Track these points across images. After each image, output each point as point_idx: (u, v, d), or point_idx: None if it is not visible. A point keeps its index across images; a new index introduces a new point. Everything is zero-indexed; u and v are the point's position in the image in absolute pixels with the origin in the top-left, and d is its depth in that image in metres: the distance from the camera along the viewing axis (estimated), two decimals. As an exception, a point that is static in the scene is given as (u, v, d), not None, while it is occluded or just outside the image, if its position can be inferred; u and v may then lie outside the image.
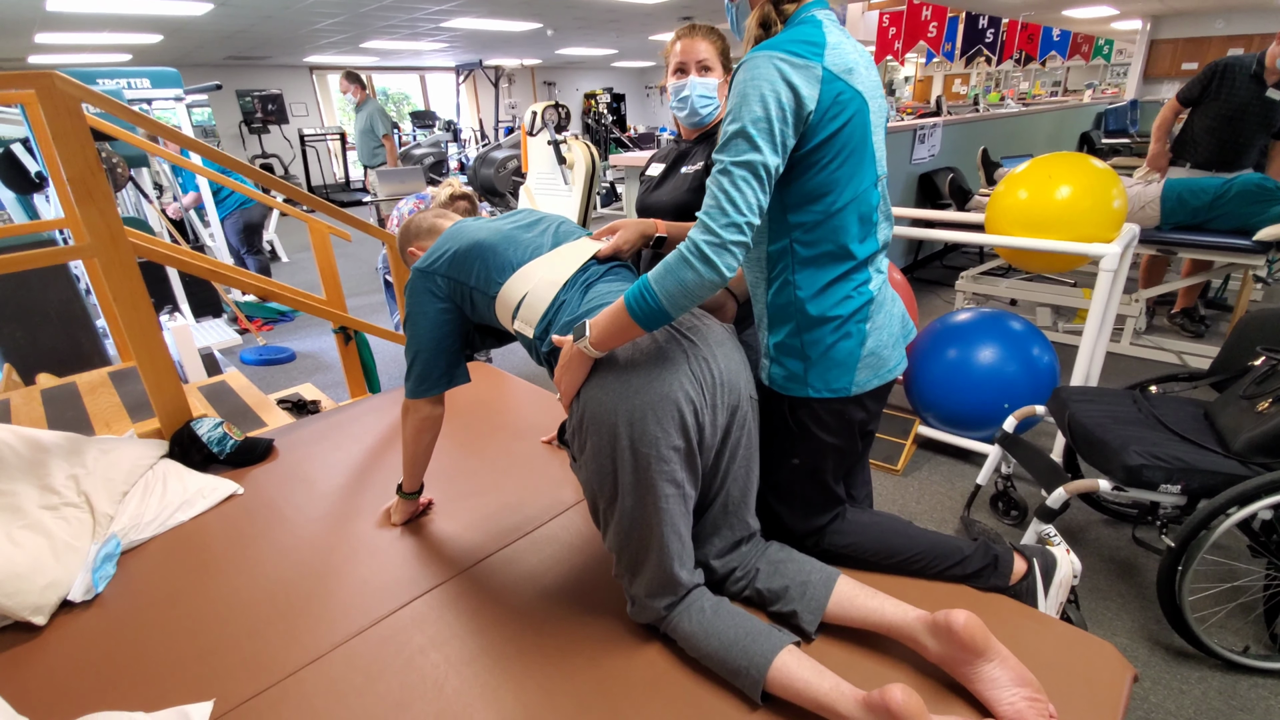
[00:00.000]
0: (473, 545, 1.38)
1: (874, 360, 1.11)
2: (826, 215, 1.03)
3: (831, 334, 1.08)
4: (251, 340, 4.33)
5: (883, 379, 1.13)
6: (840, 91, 0.96)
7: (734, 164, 0.91)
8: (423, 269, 1.25)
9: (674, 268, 0.90)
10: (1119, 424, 1.67)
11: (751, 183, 0.90)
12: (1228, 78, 3.14)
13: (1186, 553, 1.49)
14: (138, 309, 1.66)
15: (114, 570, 1.34)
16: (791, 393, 1.13)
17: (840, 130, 0.97)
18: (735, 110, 0.92)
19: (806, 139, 0.97)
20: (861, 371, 1.10)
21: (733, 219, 0.89)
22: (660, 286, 0.91)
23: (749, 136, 0.91)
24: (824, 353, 1.09)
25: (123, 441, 1.65)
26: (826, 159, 0.99)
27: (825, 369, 1.10)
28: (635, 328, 0.94)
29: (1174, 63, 10.02)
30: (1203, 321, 3.72)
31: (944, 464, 2.49)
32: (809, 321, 1.08)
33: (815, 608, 1.08)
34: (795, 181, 1.01)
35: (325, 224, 2.62)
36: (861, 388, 1.11)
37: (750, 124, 0.91)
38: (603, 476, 1.02)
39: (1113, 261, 1.94)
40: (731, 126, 0.92)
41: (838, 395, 1.11)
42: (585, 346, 0.98)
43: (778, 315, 1.12)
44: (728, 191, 0.90)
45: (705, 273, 0.89)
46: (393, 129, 4.97)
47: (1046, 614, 1.17)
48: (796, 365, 1.12)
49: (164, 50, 8.06)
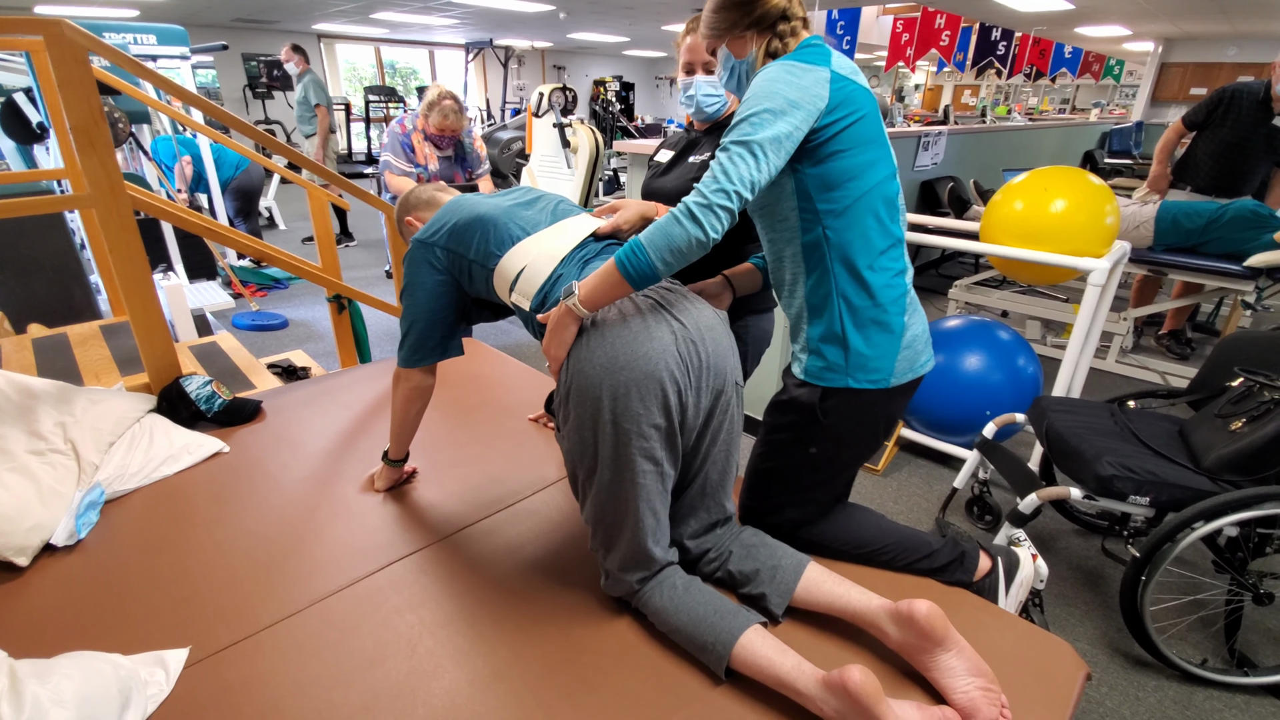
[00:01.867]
0: (454, 514, 1.41)
1: (910, 354, 1.14)
2: (854, 199, 1.07)
3: (873, 321, 1.11)
4: (245, 305, 4.32)
5: (916, 373, 1.16)
6: (852, 89, 1.04)
7: (733, 142, 0.97)
8: (422, 240, 1.27)
9: (663, 225, 0.95)
10: (1095, 435, 1.70)
11: (746, 158, 0.96)
12: (1235, 104, 3.16)
13: (1150, 563, 1.53)
14: (133, 262, 1.67)
15: (97, 518, 1.35)
16: (828, 383, 1.14)
17: (858, 121, 1.04)
18: (745, 104, 1.00)
19: (826, 129, 1.03)
20: (900, 363, 1.13)
21: (723, 186, 0.94)
22: (650, 243, 0.95)
23: (752, 121, 0.97)
24: (867, 342, 1.11)
25: (111, 393, 1.65)
26: (847, 146, 1.04)
27: (867, 359, 1.11)
28: (625, 285, 0.98)
29: (1183, 87, 10.06)
30: (1189, 344, 3.76)
31: (924, 467, 2.53)
32: (851, 308, 1.10)
33: (784, 591, 1.11)
34: (820, 167, 1.05)
35: (325, 191, 2.62)
36: (899, 379, 1.14)
37: (756, 111, 0.97)
38: (584, 448, 1.04)
39: (1101, 276, 1.97)
40: (741, 113, 0.99)
41: (876, 386, 1.13)
42: (574, 304, 1.01)
43: (820, 306, 1.13)
44: (723, 164, 0.96)
45: (692, 230, 0.93)
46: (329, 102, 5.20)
47: (1007, 611, 1.20)
48: (837, 355, 1.12)
49: (171, 8, 7.96)
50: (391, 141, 2.80)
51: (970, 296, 3.71)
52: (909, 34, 7.48)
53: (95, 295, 3.00)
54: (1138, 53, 11.90)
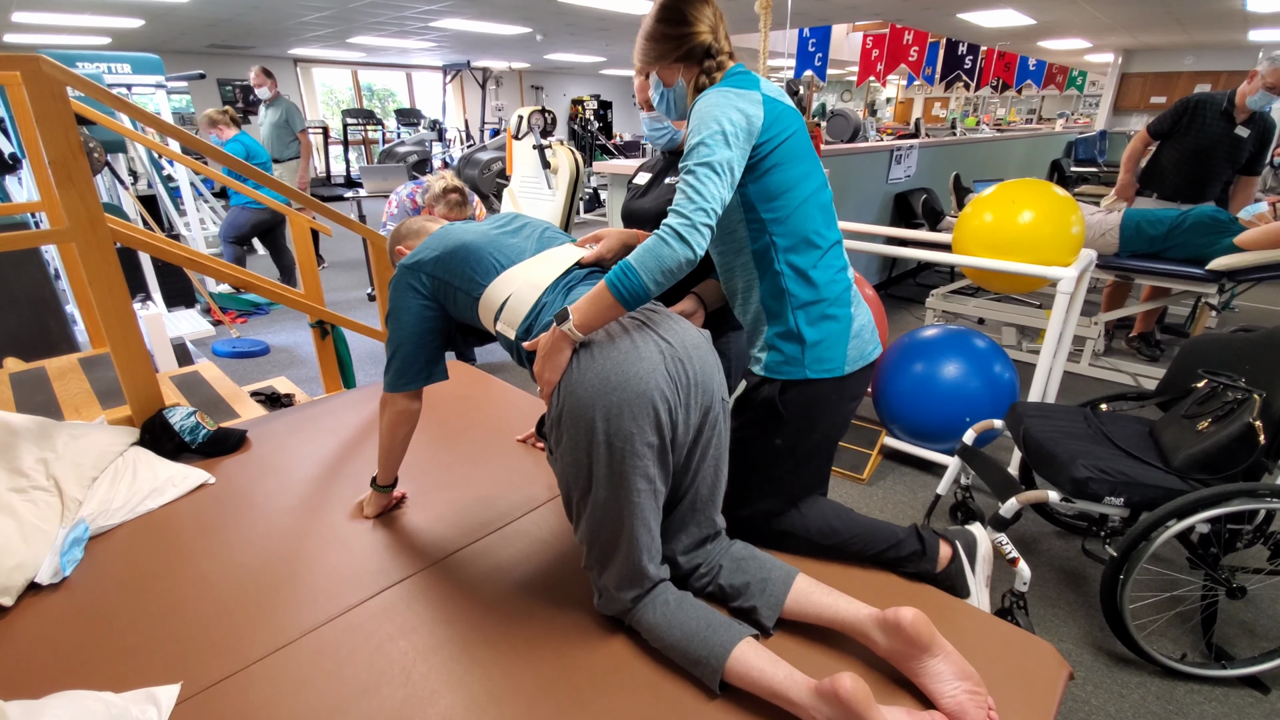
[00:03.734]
0: (444, 538, 1.41)
1: (859, 342, 1.24)
2: (794, 207, 1.18)
3: (823, 315, 1.21)
4: (225, 332, 4.28)
5: (866, 359, 1.27)
6: (782, 109, 1.16)
7: (695, 165, 1.05)
8: (409, 265, 1.29)
9: (652, 247, 1.00)
10: (1069, 439, 1.75)
11: (712, 177, 1.03)
12: (1199, 113, 3.28)
13: (1128, 562, 1.57)
14: (114, 295, 1.66)
15: (82, 554, 1.34)
16: (786, 376, 1.24)
17: (789, 138, 1.16)
18: (694, 130, 1.08)
19: (763, 146, 1.13)
20: (851, 351, 1.23)
21: (700, 205, 1.02)
22: (641, 264, 1.00)
23: (706, 144, 1.06)
24: (818, 334, 1.21)
25: (93, 427, 1.64)
26: (785, 160, 1.16)
27: (820, 351, 1.22)
28: (617, 307, 1.02)
29: (1143, 96, 10.40)
30: (1158, 346, 3.87)
31: (907, 474, 2.57)
32: (802, 304, 1.21)
33: (774, 603, 1.13)
34: (760, 181, 1.17)
35: (305, 218, 2.63)
36: (851, 367, 1.24)
37: (707, 136, 1.06)
38: (578, 469, 1.06)
39: (1069, 284, 2.03)
40: (693, 140, 1.08)
41: (831, 375, 1.22)
42: (569, 329, 1.03)
43: (775, 306, 1.24)
44: (693, 185, 1.03)
45: (681, 250, 1.00)
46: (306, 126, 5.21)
47: (991, 615, 1.23)
48: (794, 350, 1.22)
49: (144, 35, 7.94)
50: (400, 213, 2.84)
51: (947, 305, 3.79)
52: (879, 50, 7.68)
53: (72, 326, 2.97)
54: (1099, 64, 12.28)
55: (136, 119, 1.75)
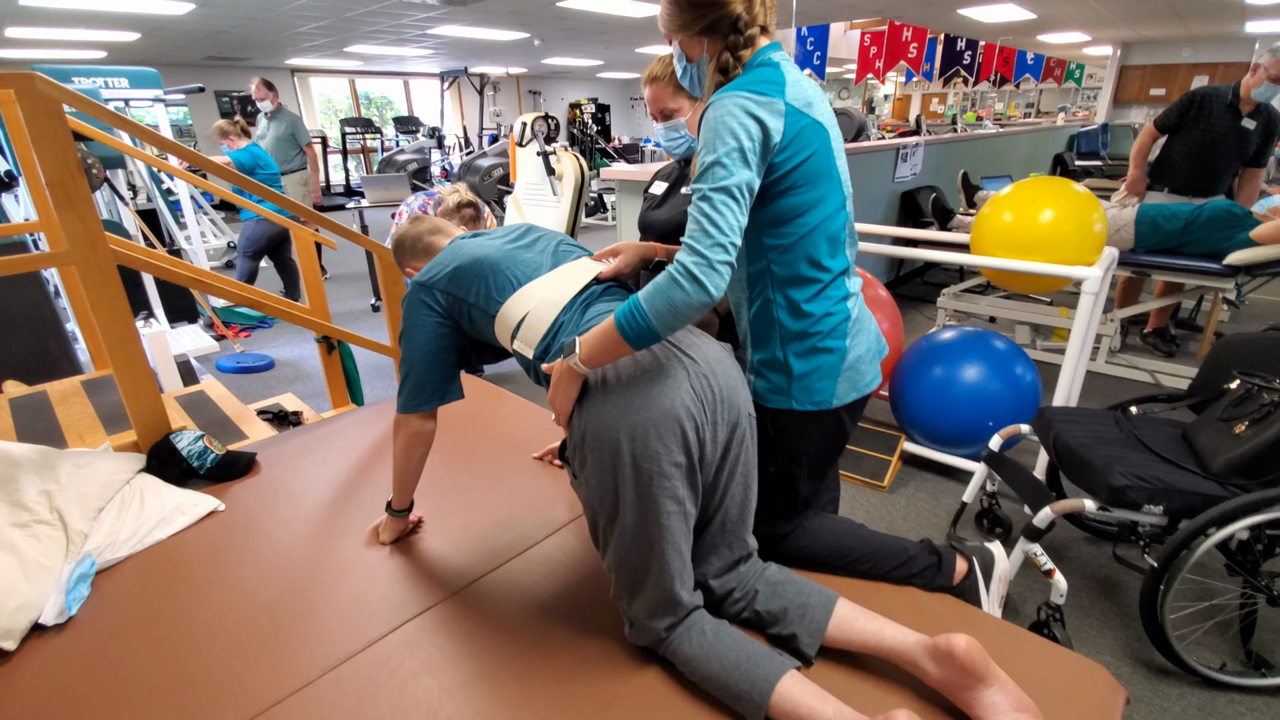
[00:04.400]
0: (465, 565, 1.36)
1: (852, 374, 1.16)
2: (798, 236, 1.09)
3: (814, 349, 1.13)
4: (228, 347, 4.24)
5: (860, 392, 1.19)
6: (804, 125, 1.02)
7: (712, 190, 0.94)
8: (422, 283, 1.24)
9: (664, 288, 0.91)
10: (1102, 444, 1.70)
11: (730, 205, 0.94)
12: (1205, 106, 3.24)
13: (1168, 572, 1.52)
14: (117, 318, 1.62)
15: (88, 591, 1.29)
16: (774, 404, 1.18)
17: (807, 160, 1.04)
18: (709, 144, 0.97)
19: (776, 168, 1.02)
20: (841, 385, 1.16)
21: (717, 240, 0.91)
22: (650, 306, 0.92)
23: (723, 164, 0.95)
24: (807, 367, 1.14)
25: (98, 455, 1.59)
26: (798, 185, 1.05)
27: (808, 383, 1.15)
28: (624, 346, 0.95)
29: (1142, 88, 10.36)
30: (1174, 341, 3.82)
31: (929, 481, 2.52)
32: (791, 336, 1.13)
33: (815, 631, 1.08)
34: (769, 206, 1.07)
35: (309, 231, 2.58)
36: (841, 400, 1.16)
37: (724, 155, 0.95)
38: (604, 493, 1.01)
39: (1095, 284, 1.98)
40: (707, 158, 0.96)
41: (820, 408, 1.16)
42: (575, 363, 0.99)
43: (762, 332, 1.17)
44: (709, 215, 0.93)
45: (694, 293, 0.90)
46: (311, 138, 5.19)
47: (1040, 637, 1.18)
48: (780, 379, 1.16)
49: (141, 48, 7.91)
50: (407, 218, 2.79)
51: (958, 304, 3.73)
52: (877, 47, 7.64)
53: (73, 345, 2.92)
54: (1097, 57, 12.24)
55: (136, 135, 1.70)
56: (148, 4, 5.55)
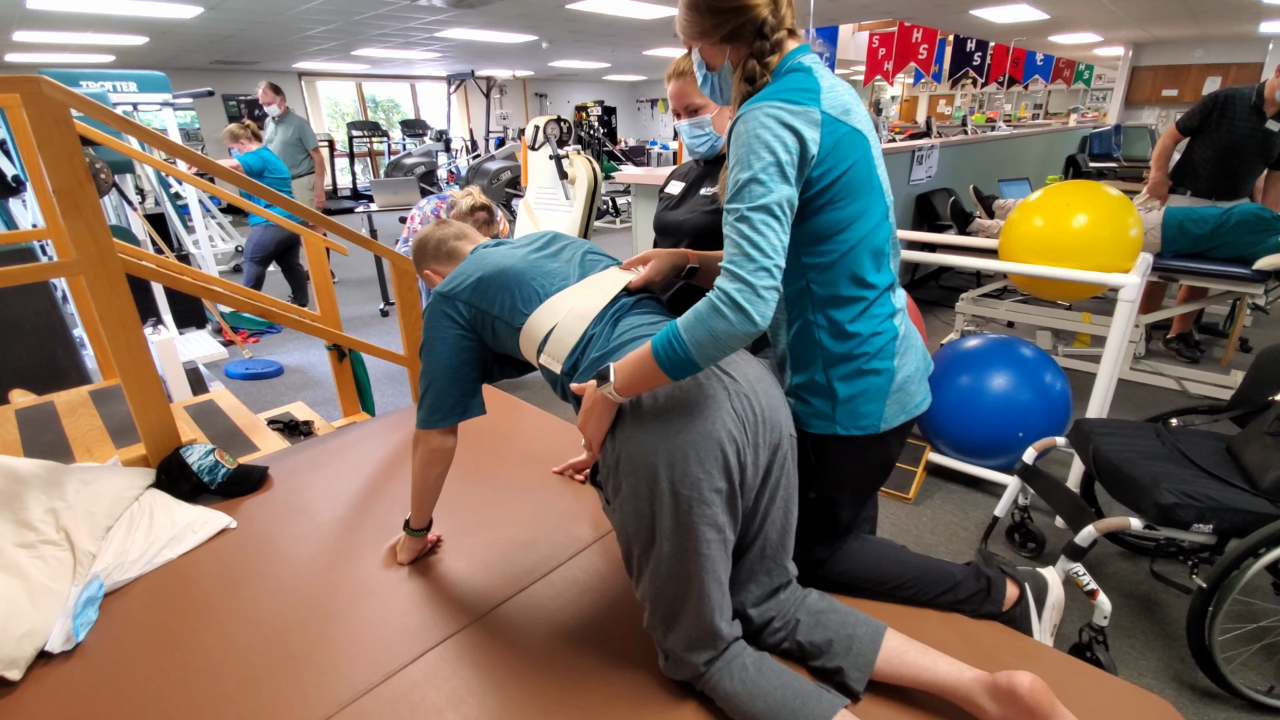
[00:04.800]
0: (486, 588, 1.30)
1: (901, 396, 1.09)
2: (840, 254, 1.02)
3: (859, 371, 1.06)
4: (236, 353, 4.20)
5: (909, 414, 1.12)
6: (843, 134, 0.95)
7: (750, 209, 0.87)
8: (444, 293, 1.18)
9: (705, 316, 0.85)
10: (1146, 460, 1.63)
11: (771, 224, 0.87)
12: (1229, 109, 3.17)
13: (1218, 593, 1.45)
14: (126, 328, 1.57)
15: (96, 615, 1.24)
16: (816, 430, 1.11)
17: (847, 171, 0.97)
18: (742, 160, 0.89)
19: (814, 182, 0.96)
20: (890, 407, 1.09)
21: (761, 264, 0.85)
22: (690, 336, 0.85)
23: (760, 181, 0.88)
24: (852, 390, 1.07)
25: (106, 470, 1.54)
26: (838, 199, 0.98)
27: (854, 406, 1.07)
28: (661, 375, 0.89)
29: (1154, 89, 10.26)
30: (1198, 347, 3.74)
31: (956, 492, 2.45)
32: (834, 359, 1.06)
33: (863, 665, 1.02)
34: (807, 222, 1.00)
35: (320, 237, 2.53)
36: (889, 424, 1.09)
37: (760, 171, 0.88)
38: (639, 520, 0.96)
39: (1132, 291, 1.92)
40: (742, 175, 0.89)
41: (866, 433, 1.09)
42: (609, 392, 0.93)
43: (802, 355, 1.10)
44: (750, 237, 0.86)
45: (739, 323, 0.83)
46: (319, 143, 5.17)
47: (1096, 668, 1.11)
48: (823, 404, 1.09)
49: (148, 52, 7.90)
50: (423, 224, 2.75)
51: (976, 309, 3.67)
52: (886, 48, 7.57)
53: (80, 352, 2.88)
54: (1108, 58, 12.14)
55: (144, 140, 1.66)
56: (156, 8, 5.53)
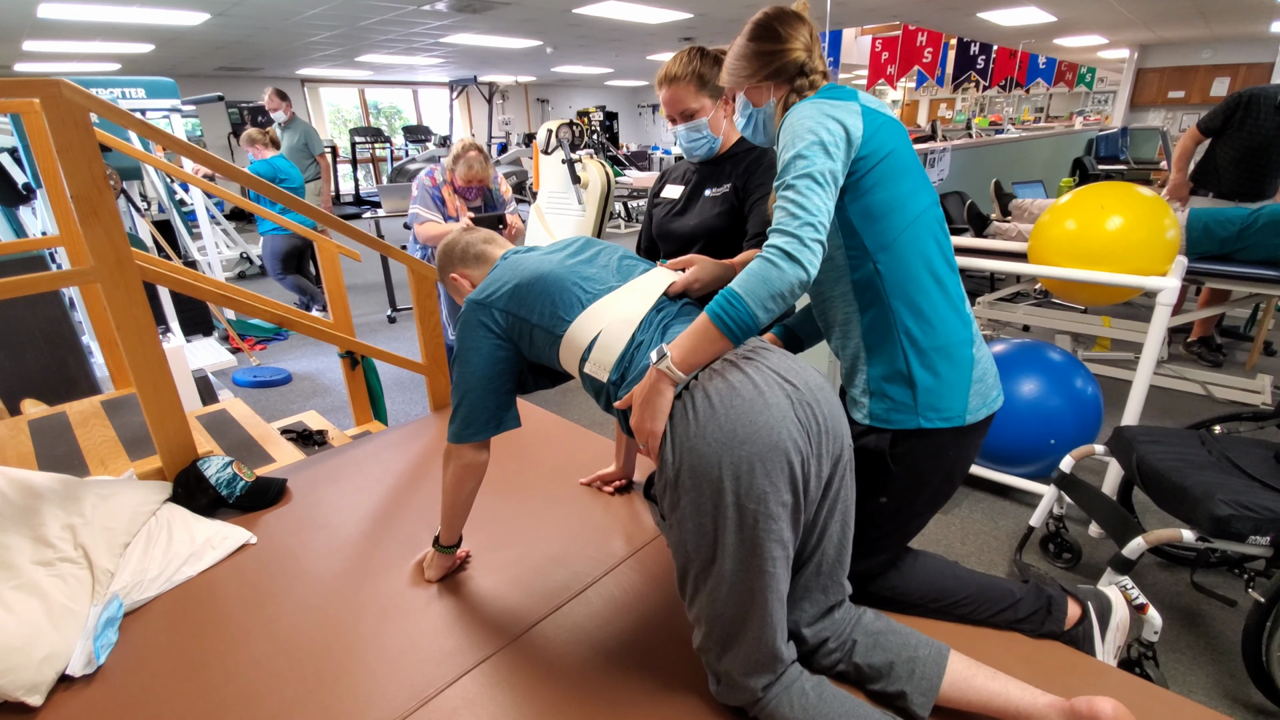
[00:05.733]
0: (520, 607, 1.25)
1: (982, 387, 1.08)
2: (902, 229, 1.03)
3: (943, 357, 1.04)
4: (244, 360, 4.16)
5: (990, 408, 1.10)
6: (883, 122, 1.02)
7: (795, 178, 0.92)
8: (480, 301, 1.14)
9: (757, 271, 0.88)
10: (1195, 469, 1.58)
11: (815, 189, 0.91)
12: (1252, 108, 3.13)
13: (1277, 608, 1.40)
14: (143, 338, 1.52)
15: (116, 637, 1.19)
16: (897, 425, 1.07)
17: (891, 153, 1.01)
18: (789, 144, 0.96)
19: (862, 163, 1.00)
20: (973, 399, 1.06)
21: (806, 220, 0.89)
22: (748, 292, 0.87)
23: (803, 155, 0.93)
24: (936, 378, 1.04)
25: (122, 484, 1.50)
26: (886, 177, 1.01)
27: (937, 396, 1.05)
28: (723, 340, 0.89)
29: (1160, 91, 10.23)
30: (1220, 350, 3.69)
31: (984, 500, 2.40)
32: (914, 345, 1.04)
33: (928, 689, 0.97)
34: (861, 200, 1.02)
35: (334, 243, 2.49)
36: (974, 416, 1.07)
37: (803, 149, 0.94)
38: (701, 537, 0.91)
39: (1170, 295, 1.87)
40: (787, 155, 0.95)
41: (951, 425, 1.05)
42: (669, 368, 0.90)
43: (878, 345, 1.07)
44: (795, 200, 0.90)
45: (791, 270, 0.86)
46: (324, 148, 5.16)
47: (1168, 691, 1.06)
48: (904, 394, 1.06)
49: (153, 60, 7.89)
50: (421, 194, 2.73)
51: (992, 313, 3.62)
52: (889, 52, 7.55)
53: (90, 360, 2.83)
54: (1112, 60, 12.11)
55: (168, 146, 1.61)
56: (165, 15, 5.51)
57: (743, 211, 1.46)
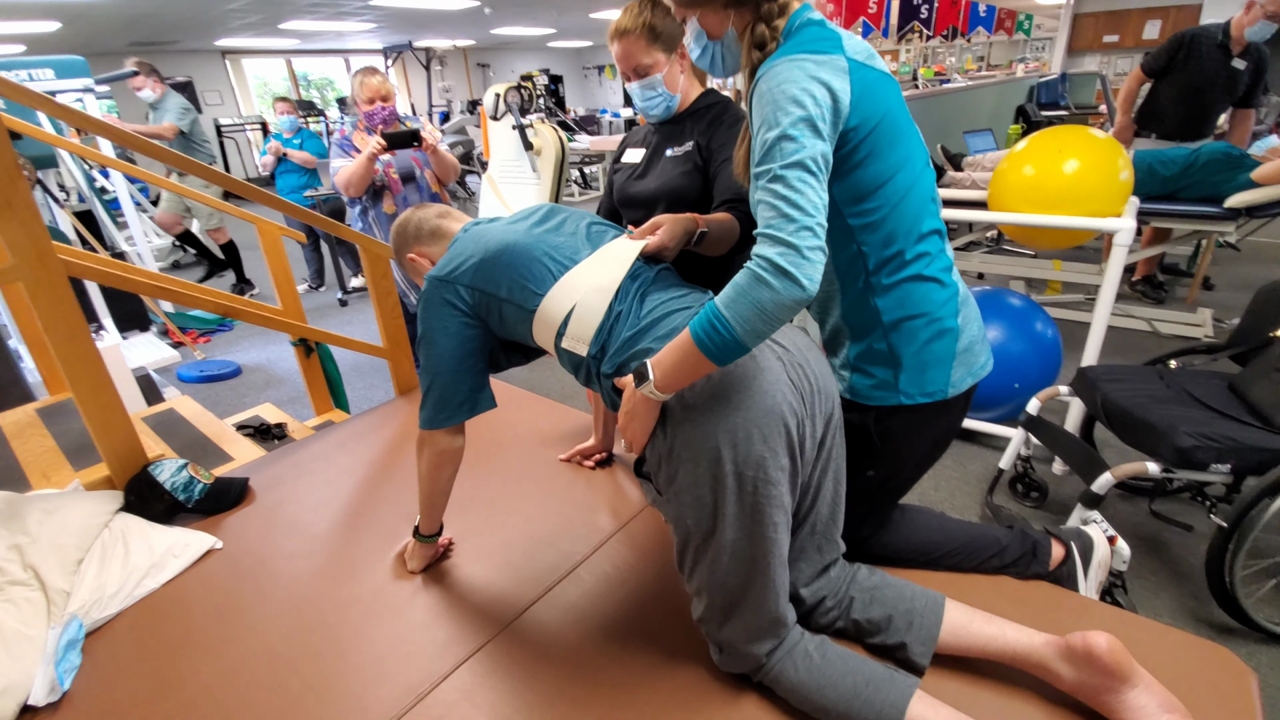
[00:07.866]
0: (510, 591, 1.22)
1: (968, 357, 1.04)
2: (889, 208, 0.95)
3: (924, 331, 1.00)
4: (188, 354, 3.95)
5: (975, 377, 1.07)
6: (872, 78, 0.90)
7: (784, 167, 0.80)
8: (442, 278, 1.07)
9: (746, 290, 0.77)
10: (1157, 404, 1.63)
11: (808, 181, 0.79)
12: (1194, 48, 3.18)
13: (1238, 532, 1.47)
14: (74, 337, 1.40)
15: (80, 659, 1.11)
16: (879, 402, 1.04)
17: (883, 119, 0.90)
18: (767, 119, 0.82)
19: (850, 135, 0.89)
20: (956, 371, 1.03)
21: (802, 223, 0.77)
22: (734, 313, 0.77)
23: (790, 137, 0.81)
24: (918, 353, 1.01)
25: (69, 496, 1.40)
26: (877, 148, 0.91)
27: (919, 371, 1.01)
28: (706, 363, 0.81)
29: (1096, 36, 10.44)
30: (1162, 288, 3.83)
31: (952, 446, 2.45)
32: (896, 322, 1.00)
33: (927, 639, 0.98)
34: (847, 179, 0.93)
35: (275, 224, 2.35)
36: (957, 388, 1.04)
37: (789, 126, 0.81)
38: (700, 509, 0.88)
39: (1127, 236, 1.91)
40: (769, 134, 0.82)
41: (933, 399, 1.02)
42: (650, 391, 0.85)
43: (860, 324, 1.03)
44: (787, 196, 0.78)
45: (785, 289, 0.75)
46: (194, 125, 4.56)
47: (1153, 621, 1.10)
48: (885, 372, 1.02)
49: (61, 39, 7.28)
50: (335, 150, 2.62)
51: (951, 263, 3.67)
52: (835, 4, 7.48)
53: (20, 365, 2.64)
54: (1048, 6, 12.27)
55: (85, 128, 1.47)
56: (62, -16, 5.06)
57: (707, 173, 1.39)
